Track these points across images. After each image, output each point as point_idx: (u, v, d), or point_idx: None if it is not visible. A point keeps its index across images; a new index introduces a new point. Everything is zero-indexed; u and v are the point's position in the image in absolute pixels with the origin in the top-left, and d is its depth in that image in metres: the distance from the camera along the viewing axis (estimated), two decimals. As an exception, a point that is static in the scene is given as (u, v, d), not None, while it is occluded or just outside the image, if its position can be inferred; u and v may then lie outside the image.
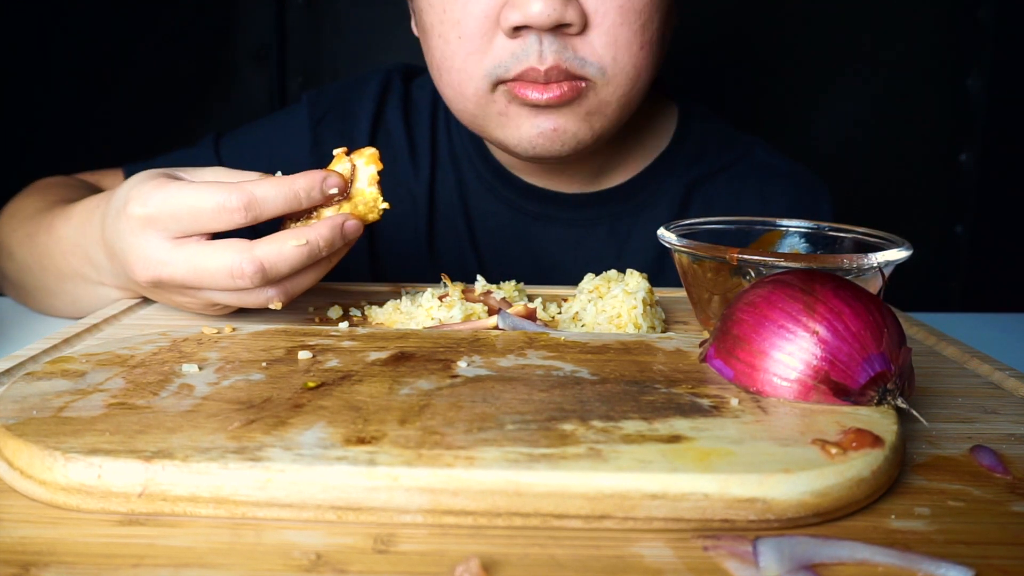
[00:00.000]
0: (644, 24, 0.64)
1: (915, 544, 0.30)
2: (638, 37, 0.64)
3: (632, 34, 0.63)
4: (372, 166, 0.51)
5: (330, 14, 1.33)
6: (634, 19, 0.63)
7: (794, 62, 1.36)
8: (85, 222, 0.59)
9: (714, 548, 0.29)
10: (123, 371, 0.40)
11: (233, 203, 0.48)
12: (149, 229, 0.49)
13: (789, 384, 0.37)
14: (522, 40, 0.62)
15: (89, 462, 0.31)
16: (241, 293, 0.50)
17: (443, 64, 0.66)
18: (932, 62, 1.37)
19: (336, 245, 0.50)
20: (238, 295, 0.50)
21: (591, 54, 0.63)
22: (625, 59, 0.64)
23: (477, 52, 0.64)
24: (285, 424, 0.34)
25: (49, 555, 0.28)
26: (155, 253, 0.50)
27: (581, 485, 0.30)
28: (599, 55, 0.63)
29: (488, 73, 0.64)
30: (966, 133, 1.39)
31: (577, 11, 0.61)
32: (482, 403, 0.36)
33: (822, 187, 0.83)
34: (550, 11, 0.59)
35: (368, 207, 0.52)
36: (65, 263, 0.62)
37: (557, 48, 0.62)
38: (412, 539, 0.30)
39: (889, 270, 0.50)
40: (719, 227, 0.60)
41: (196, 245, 0.49)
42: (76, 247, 0.61)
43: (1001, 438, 0.40)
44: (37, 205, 0.70)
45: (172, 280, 0.50)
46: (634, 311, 0.53)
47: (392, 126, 0.81)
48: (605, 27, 0.62)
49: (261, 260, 0.48)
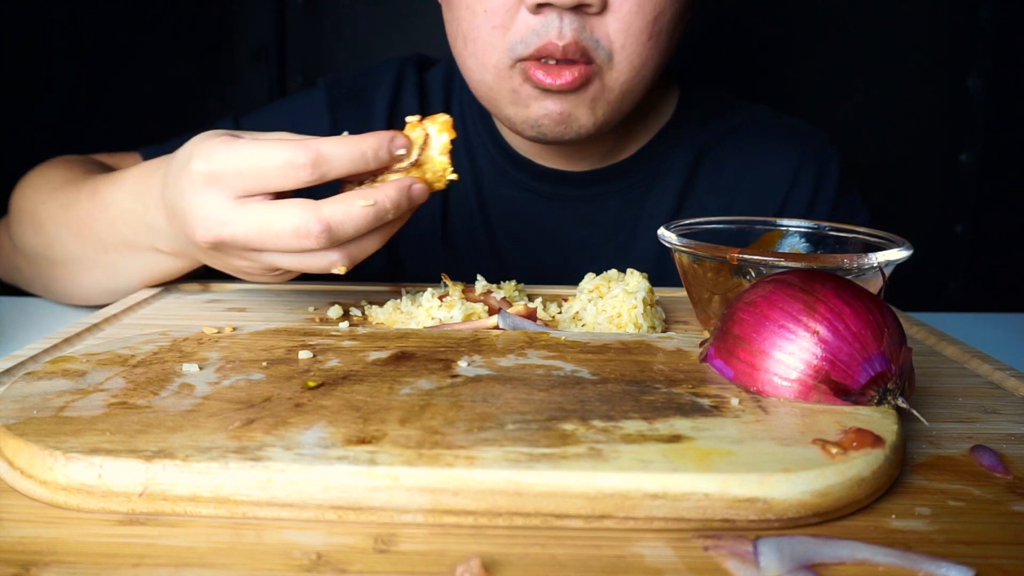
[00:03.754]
0: (657, 16, 0.66)
1: (915, 544, 0.30)
2: (649, 27, 0.66)
3: (644, 23, 0.66)
4: (445, 134, 0.51)
5: (330, 14, 1.33)
6: (649, 10, 0.65)
7: (793, 62, 1.36)
8: (142, 185, 0.58)
9: (715, 548, 0.29)
10: (123, 371, 0.40)
11: (300, 159, 0.47)
12: (212, 187, 0.48)
13: (789, 384, 0.37)
14: (544, 17, 0.64)
15: (90, 462, 0.31)
16: (304, 256, 0.49)
17: (469, 34, 0.69)
18: (932, 62, 1.37)
19: (402, 208, 0.49)
20: (301, 258, 0.49)
21: (604, 36, 0.65)
22: (633, 47, 0.66)
23: (501, 26, 0.66)
24: (286, 424, 0.34)
25: (49, 555, 0.28)
26: (217, 212, 0.48)
27: (582, 485, 0.30)
28: (611, 39, 0.65)
29: (510, 48, 0.66)
30: (966, 133, 1.39)
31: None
32: (482, 403, 0.36)
33: (829, 146, 0.84)
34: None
35: (436, 175, 0.51)
36: (112, 230, 0.61)
37: (577, 26, 0.64)
38: (413, 539, 0.30)
39: (889, 270, 0.50)
40: (719, 227, 0.60)
41: (260, 204, 0.48)
42: (128, 212, 0.59)
43: (1001, 438, 0.40)
44: (66, 175, 0.69)
45: (234, 241, 0.48)
46: (634, 311, 0.53)
47: (407, 113, 0.83)
48: (622, 12, 0.65)
49: (328, 220, 0.47)
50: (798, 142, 0.83)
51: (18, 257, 0.72)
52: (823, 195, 0.82)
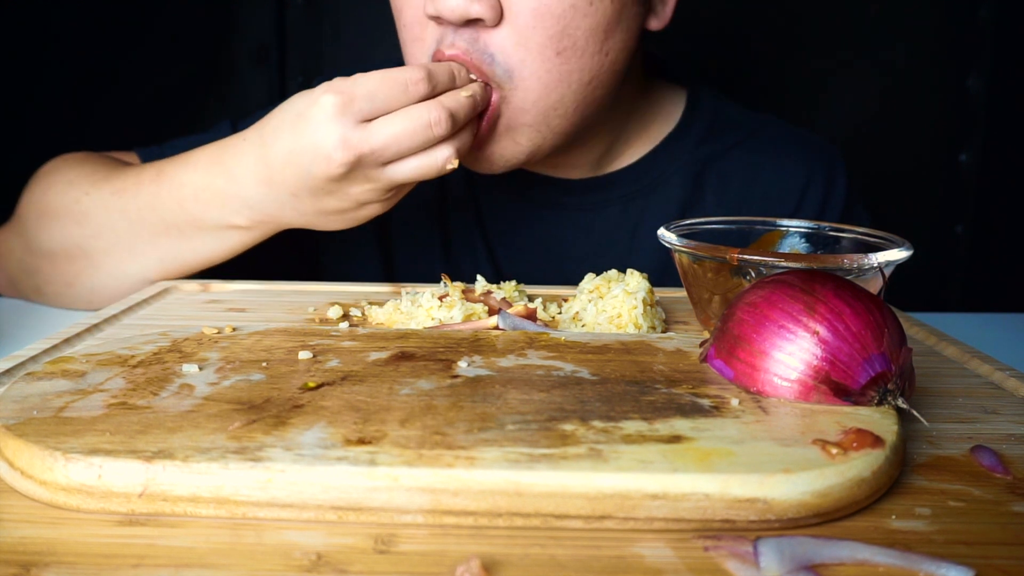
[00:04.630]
0: (563, 29, 0.62)
1: (915, 544, 0.30)
2: (553, 43, 0.62)
3: (546, 39, 0.62)
4: None
5: (330, 14, 1.33)
6: (550, 24, 0.61)
7: (793, 62, 1.36)
8: (219, 161, 0.63)
9: (715, 548, 0.29)
10: (123, 371, 0.40)
11: (417, 75, 0.57)
12: (345, 113, 0.55)
13: (790, 384, 0.37)
14: (443, 28, 0.63)
15: (89, 462, 0.31)
16: (426, 156, 0.57)
17: (402, 49, 0.70)
18: (932, 62, 1.37)
19: (479, 105, 0.60)
20: (423, 159, 0.57)
21: (500, 51, 0.62)
22: (536, 64, 0.62)
23: (417, 40, 0.66)
24: (285, 424, 0.34)
25: (49, 555, 0.28)
26: (353, 133, 0.55)
27: (582, 485, 0.30)
28: (508, 54, 0.62)
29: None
30: (966, 133, 1.39)
31: (489, 5, 0.60)
32: (482, 403, 0.36)
33: (838, 156, 0.83)
34: (455, 5, 0.60)
35: None
36: (181, 210, 0.64)
37: (467, 40, 0.62)
38: (413, 539, 0.30)
39: (889, 270, 0.50)
40: (719, 227, 0.60)
41: (386, 117, 0.56)
42: (203, 190, 0.63)
43: (1001, 438, 0.40)
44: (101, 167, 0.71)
45: (372, 152, 0.56)
46: (634, 311, 0.53)
47: None
48: (518, 25, 0.61)
49: (448, 106, 0.57)
50: (807, 155, 0.82)
51: (38, 261, 0.71)
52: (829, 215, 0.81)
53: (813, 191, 0.81)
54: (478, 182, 0.82)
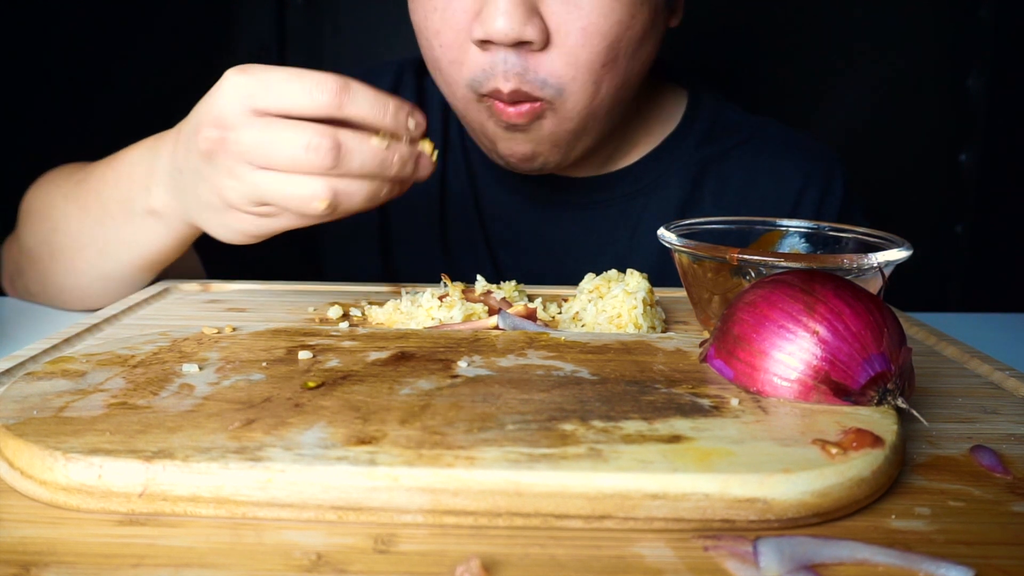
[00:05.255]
0: (610, 44, 0.64)
1: (915, 544, 0.30)
2: (600, 57, 0.64)
3: (594, 55, 0.64)
4: None
5: (330, 14, 1.33)
6: (598, 41, 0.63)
7: (793, 62, 1.36)
8: (159, 138, 0.60)
9: (714, 548, 0.29)
10: (123, 371, 0.40)
11: (329, 83, 0.48)
12: (237, 94, 0.49)
13: (789, 384, 0.37)
14: (490, 55, 0.64)
15: (89, 462, 0.31)
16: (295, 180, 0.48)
17: (433, 66, 0.69)
18: (932, 62, 1.37)
19: (406, 170, 0.50)
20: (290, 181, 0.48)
21: (551, 74, 0.64)
22: (585, 78, 0.64)
23: (457, 62, 0.66)
24: (285, 424, 0.34)
25: (49, 555, 0.28)
26: (233, 115, 0.49)
27: (581, 485, 0.30)
28: (559, 75, 0.64)
29: (468, 83, 0.66)
30: (966, 133, 1.39)
31: (538, 28, 0.61)
32: (482, 403, 0.36)
33: (837, 161, 0.84)
34: (508, 29, 0.60)
35: None
36: (115, 190, 0.62)
37: (519, 70, 0.63)
38: (412, 539, 0.30)
39: (889, 270, 0.50)
40: (719, 227, 0.60)
41: (276, 119, 0.48)
42: (136, 165, 0.61)
43: (1001, 438, 0.40)
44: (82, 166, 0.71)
45: (237, 144, 0.48)
46: (634, 311, 0.53)
47: None
48: (567, 47, 0.63)
49: (341, 141, 0.47)
50: (805, 160, 0.83)
51: (24, 261, 0.72)
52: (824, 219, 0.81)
53: (810, 194, 0.81)
54: (480, 179, 0.82)
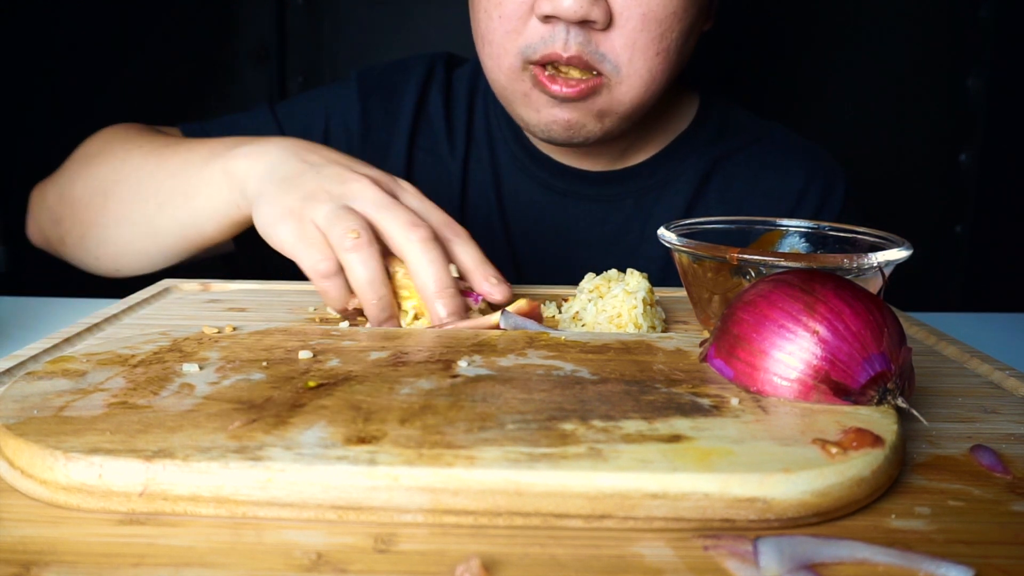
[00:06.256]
0: (663, 33, 0.69)
1: (915, 544, 0.30)
2: (655, 44, 0.69)
3: (650, 40, 0.68)
4: None
5: (330, 14, 1.33)
6: (654, 27, 0.68)
7: (793, 62, 1.36)
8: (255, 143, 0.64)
9: (714, 548, 0.29)
10: (124, 370, 0.40)
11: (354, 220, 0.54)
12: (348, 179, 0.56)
13: (789, 384, 0.37)
14: (552, 27, 0.68)
15: (90, 461, 0.31)
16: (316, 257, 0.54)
17: (485, 36, 0.73)
18: (932, 62, 1.37)
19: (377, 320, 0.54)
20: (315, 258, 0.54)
21: (610, 51, 0.68)
22: (640, 62, 0.69)
23: (513, 32, 0.70)
24: (286, 424, 0.34)
25: (50, 554, 0.28)
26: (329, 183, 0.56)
27: (581, 485, 0.30)
28: (617, 54, 0.68)
29: (520, 51, 0.70)
30: (966, 133, 1.39)
31: (603, 10, 0.66)
32: (483, 403, 0.36)
33: (839, 168, 0.87)
34: (577, 7, 0.65)
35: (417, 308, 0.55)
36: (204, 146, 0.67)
37: (581, 40, 0.68)
38: (413, 539, 0.30)
39: (889, 270, 0.50)
40: (719, 227, 0.60)
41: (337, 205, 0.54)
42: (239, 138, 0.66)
43: (1001, 438, 0.40)
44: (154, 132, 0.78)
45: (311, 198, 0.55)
46: (634, 311, 0.53)
47: (432, 108, 0.87)
48: (627, 29, 0.68)
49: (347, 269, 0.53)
50: (809, 165, 0.86)
51: (65, 208, 0.75)
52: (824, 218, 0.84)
53: (810, 197, 0.84)
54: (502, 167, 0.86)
